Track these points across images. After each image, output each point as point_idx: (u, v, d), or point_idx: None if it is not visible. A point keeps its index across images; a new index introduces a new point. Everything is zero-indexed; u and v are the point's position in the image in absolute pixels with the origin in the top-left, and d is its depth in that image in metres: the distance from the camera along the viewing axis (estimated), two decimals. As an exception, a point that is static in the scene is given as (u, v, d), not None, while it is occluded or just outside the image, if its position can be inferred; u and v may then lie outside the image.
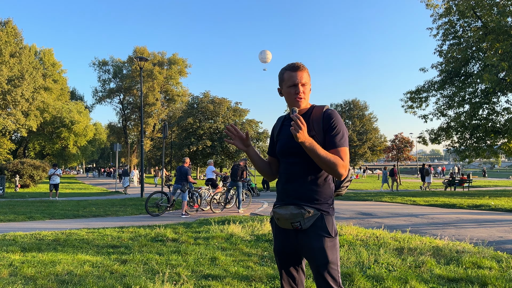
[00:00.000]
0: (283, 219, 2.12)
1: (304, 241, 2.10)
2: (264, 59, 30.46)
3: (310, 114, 2.19)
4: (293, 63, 2.21)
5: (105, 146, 69.85)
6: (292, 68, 2.18)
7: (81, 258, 5.15)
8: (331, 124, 2.11)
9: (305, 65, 2.23)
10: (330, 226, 2.09)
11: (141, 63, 18.06)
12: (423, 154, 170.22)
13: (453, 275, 4.30)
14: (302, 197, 2.11)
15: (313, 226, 2.08)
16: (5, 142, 37.77)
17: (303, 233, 2.10)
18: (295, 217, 2.08)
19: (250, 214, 10.77)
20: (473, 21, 19.88)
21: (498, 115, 19.61)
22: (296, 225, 2.09)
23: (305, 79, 2.17)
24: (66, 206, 13.08)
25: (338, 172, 2.02)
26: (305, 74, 2.18)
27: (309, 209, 2.08)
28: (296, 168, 2.14)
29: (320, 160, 2.00)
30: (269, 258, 5.21)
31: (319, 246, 2.07)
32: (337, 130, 2.09)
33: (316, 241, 2.07)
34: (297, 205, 2.10)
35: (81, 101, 53.44)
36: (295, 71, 2.17)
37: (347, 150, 2.09)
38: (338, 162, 2.01)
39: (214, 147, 37.96)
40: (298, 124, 1.92)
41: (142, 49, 57.42)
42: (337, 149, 2.06)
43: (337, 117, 2.14)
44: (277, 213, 2.16)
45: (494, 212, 11.30)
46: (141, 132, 18.62)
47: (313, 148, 1.97)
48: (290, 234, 2.15)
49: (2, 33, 33.39)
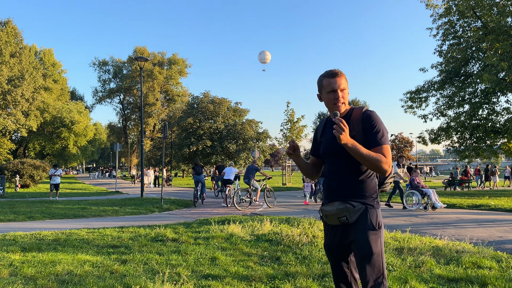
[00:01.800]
0: (330, 216, 2.23)
1: (351, 234, 2.20)
2: (264, 60, 30.49)
3: (350, 116, 2.31)
4: (331, 70, 2.33)
5: (105, 146, 69.88)
6: (330, 75, 2.29)
7: (81, 258, 5.15)
8: (371, 123, 2.22)
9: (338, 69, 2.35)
10: (375, 219, 2.19)
11: (141, 63, 18.06)
12: (423, 154, 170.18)
13: (453, 275, 4.30)
14: (346, 193, 2.23)
15: (359, 219, 2.18)
16: (5, 142, 37.78)
17: (349, 227, 2.21)
18: (341, 212, 2.19)
19: (250, 214, 10.78)
20: (473, 21, 19.89)
21: (498, 115, 19.62)
22: (343, 219, 2.19)
23: (343, 84, 2.28)
24: (66, 206, 13.09)
25: (382, 169, 2.13)
26: (343, 80, 2.29)
27: (354, 203, 2.19)
28: (339, 167, 2.27)
29: (363, 159, 2.11)
30: (269, 258, 5.21)
31: (363, 238, 2.16)
32: (377, 129, 2.20)
33: (361, 233, 2.17)
34: (342, 200, 2.22)
35: (81, 101, 53.48)
36: (334, 78, 2.28)
37: (388, 147, 2.20)
38: (381, 159, 2.12)
39: (214, 147, 37.95)
40: (340, 126, 2.06)
41: (142, 49, 57.41)
42: (378, 147, 2.17)
43: (376, 116, 2.25)
44: (324, 210, 2.27)
45: (494, 212, 11.30)
46: (141, 132, 18.63)
47: (355, 148, 2.10)
48: (338, 229, 2.27)
49: (2, 33, 33.40)
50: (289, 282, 4.09)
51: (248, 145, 38.35)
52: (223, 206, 13.86)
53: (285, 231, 6.87)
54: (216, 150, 37.85)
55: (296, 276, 4.29)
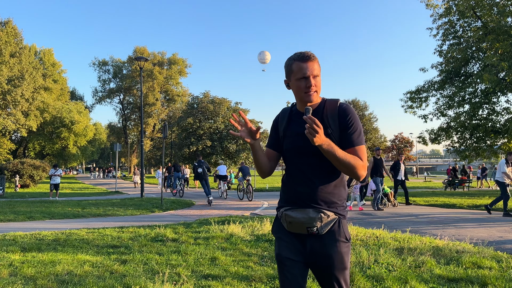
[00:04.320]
0: (298, 223, 1.92)
1: (318, 247, 1.92)
2: (263, 60, 30.46)
3: (322, 108, 1.97)
4: (302, 52, 1.96)
5: (105, 146, 69.84)
6: (301, 58, 1.92)
7: (81, 258, 5.15)
8: (348, 120, 1.92)
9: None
10: (346, 230, 1.95)
11: (141, 63, 18.06)
12: (423, 154, 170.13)
13: (453, 275, 4.30)
14: (319, 200, 1.92)
15: (330, 231, 1.92)
16: (5, 142, 37.78)
17: (316, 238, 1.92)
18: (312, 221, 1.89)
19: (250, 214, 10.77)
20: (473, 21, 19.90)
21: (498, 115, 19.64)
22: (313, 230, 1.90)
23: (316, 70, 1.92)
24: (66, 206, 13.08)
25: (358, 174, 1.86)
26: (316, 65, 1.93)
27: (329, 212, 1.91)
28: (310, 169, 1.95)
29: (338, 162, 1.83)
30: (269, 258, 5.21)
31: (336, 251, 1.90)
32: (354, 127, 1.91)
33: (333, 247, 1.91)
34: (315, 208, 1.91)
35: (81, 101, 53.50)
36: (306, 62, 1.91)
37: (364, 148, 1.93)
38: (358, 163, 1.85)
39: (214, 147, 37.97)
40: (314, 128, 1.72)
41: (142, 49, 57.46)
42: (354, 147, 1.90)
43: (353, 112, 1.95)
44: (290, 216, 1.95)
45: (494, 212, 11.30)
46: (141, 132, 18.63)
47: (331, 150, 1.79)
48: (299, 239, 1.96)
49: (2, 33, 33.40)
50: (289, 282, 4.08)
51: (248, 145, 38.37)
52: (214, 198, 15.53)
53: (285, 231, 6.86)
54: (216, 150, 37.87)
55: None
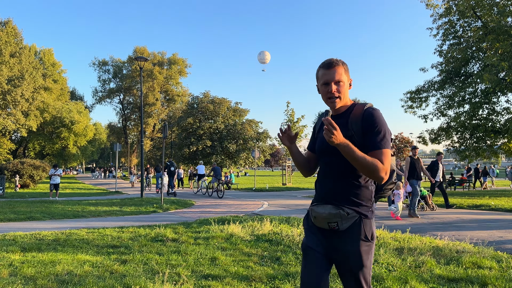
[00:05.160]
0: (321, 218, 2.05)
1: (338, 243, 2.03)
2: (263, 60, 30.45)
3: (350, 112, 2.07)
4: (328, 59, 2.10)
5: (105, 146, 69.84)
6: (325, 66, 2.07)
7: (81, 258, 5.15)
8: (372, 123, 1.99)
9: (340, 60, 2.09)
10: (368, 230, 2.01)
11: (141, 63, 18.05)
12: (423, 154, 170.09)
13: (453, 275, 4.30)
14: (340, 198, 2.03)
15: (350, 228, 2.01)
16: (5, 142, 37.76)
17: (338, 234, 2.03)
18: (333, 217, 2.00)
19: (250, 214, 10.77)
20: (473, 21, 19.89)
21: (498, 115, 19.62)
22: (333, 225, 2.01)
23: (339, 76, 2.04)
24: (66, 206, 13.08)
25: (378, 176, 1.91)
26: (340, 70, 2.05)
27: (348, 210, 2.00)
28: (333, 167, 2.07)
29: (357, 163, 1.90)
30: (269, 258, 5.21)
31: (354, 249, 1.99)
32: (377, 130, 1.97)
33: (351, 244, 2.00)
34: (336, 205, 2.02)
35: (81, 101, 53.49)
36: (328, 69, 2.05)
37: (388, 152, 1.97)
38: (377, 165, 1.90)
39: (214, 147, 37.94)
40: (329, 129, 1.82)
41: (142, 49, 57.40)
42: (376, 151, 1.95)
43: (378, 116, 2.01)
44: (315, 211, 2.08)
45: (494, 212, 11.29)
46: (141, 132, 18.63)
47: (349, 151, 1.87)
48: (324, 234, 2.09)
49: (2, 33, 33.38)
50: (289, 282, 4.09)
51: (248, 145, 38.34)
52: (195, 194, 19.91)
53: (285, 231, 6.87)
54: (216, 150, 37.83)
55: (296, 276, 4.28)
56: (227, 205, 14.05)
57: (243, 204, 14.40)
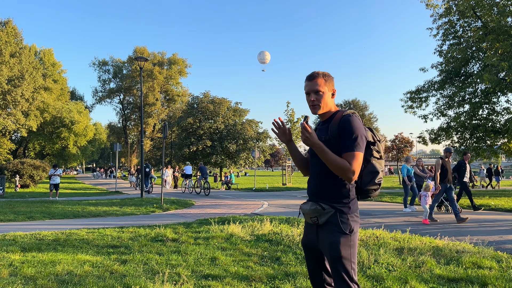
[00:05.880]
0: (305, 214, 2.31)
1: (321, 235, 2.26)
2: (263, 60, 30.43)
3: (332, 119, 2.31)
4: (311, 72, 2.37)
5: (105, 146, 69.80)
6: (307, 78, 2.34)
7: (81, 258, 5.15)
8: (346, 128, 2.18)
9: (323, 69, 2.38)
10: (344, 223, 2.19)
11: (141, 63, 18.05)
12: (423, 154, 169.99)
13: (453, 275, 4.30)
14: (319, 195, 2.27)
15: (328, 222, 2.22)
16: (5, 142, 37.76)
17: (320, 228, 2.26)
18: (312, 212, 2.26)
19: (250, 214, 10.77)
20: (473, 21, 19.89)
21: (498, 115, 19.62)
22: (314, 219, 2.26)
23: (318, 87, 2.28)
24: (66, 206, 13.08)
25: (346, 176, 2.12)
26: (320, 82, 2.29)
27: (324, 205, 2.22)
28: (317, 168, 2.31)
29: (328, 164, 2.13)
30: (269, 258, 5.21)
31: (331, 240, 2.19)
32: (349, 134, 2.17)
33: (329, 236, 2.20)
34: (315, 201, 2.27)
35: (81, 101, 53.44)
36: (309, 80, 2.32)
37: (357, 154, 2.14)
38: (345, 166, 2.11)
39: (214, 147, 37.94)
40: (303, 132, 2.12)
41: (142, 49, 57.41)
42: (347, 153, 2.15)
43: (353, 121, 2.20)
44: (302, 208, 2.35)
45: (494, 212, 11.30)
46: (141, 132, 18.63)
47: (321, 152, 2.13)
48: (312, 229, 2.33)
49: (2, 33, 33.38)
50: (289, 282, 4.09)
51: (248, 145, 38.35)
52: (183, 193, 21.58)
53: (285, 231, 6.87)
54: (216, 150, 37.84)
55: (296, 276, 4.28)
56: (227, 205, 14.06)
57: (243, 204, 14.40)
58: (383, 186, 25.58)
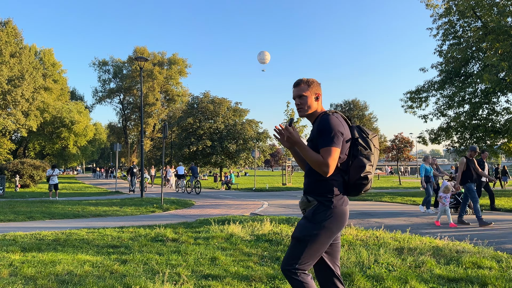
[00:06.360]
0: (299, 206, 2.55)
1: None
2: (263, 60, 30.43)
3: (317, 120, 2.50)
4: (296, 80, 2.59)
5: (105, 146, 69.81)
6: (293, 85, 2.56)
7: (81, 258, 5.15)
8: (321, 126, 2.36)
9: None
10: (320, 214, 2.34)
11: (141, 63, 18.05)
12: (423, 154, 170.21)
13: (453, 275, 4.30)
14: (307, 189, 2.47)
15: (310, 212, 2.40)
16: (5, 142, 37.75)
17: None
18: (301, 204, 2.51)
19: (250, 214, 10.77)
20: (473, 21, 19.88)
21: (498, 115, 19.61)
22: (303, 211, 2.50)
23: (301, 91, 2.49)
24: (66, 206, 13.09)
25: (321, 170, 2.29)
26: (303, 87, 2.49)
27: (310, 198, 2.42)
28: (307, 165, 2.52)
29: (307, 159, 2.32)
30: (269, 258, 5.21)
31: (299, 222, 2.43)
32: (325, 131, 2.33)
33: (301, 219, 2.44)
34: (304, 195, 2.49)
35: (81, 101, 53.42)
36: (294, 87, 2.55)
37: (330, 149, 2.28)
38: (318, 160, 2.28)
39: (214, 147, 37.94)
40: (284, 134, 2.38)
41: (142, 49, 57.38)
42: (322, 148, 2.31)
43: (329, 119, 2.36)
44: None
45: (494, 212, 11.29)
46: (141, 132, 18.63)
47: (301, 149, 2.34)
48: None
49: (2, 33, 33.38)
50: (289, 282, 4.08)
51: (248, 145, 38.33)
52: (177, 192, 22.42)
53: (285, 231, 6.87)
54: (216, 150, 37.83)
55: (296, 276, 4.28)
56: (227, 205, 14.06)
57: (243, 204, 14.40)
58: (383, 186, 25.56)
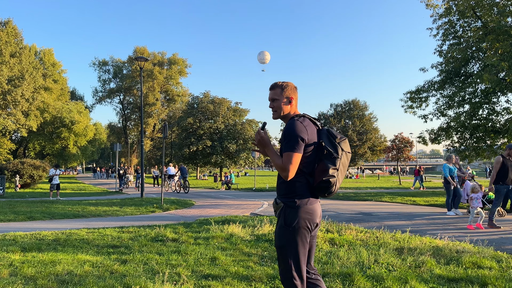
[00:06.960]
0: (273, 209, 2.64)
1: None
2: (263, 60, 30.42)
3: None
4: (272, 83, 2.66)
5: (105, 146, 69.80)
6: (269, 88, 2.64)
7: (81, 258, 5.15)
8: (286, 131, 2.43)
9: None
10: (288, 217, 2.42)
11: (141, 63, 18.05)
12: (423, 154, 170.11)
13: (453, 275, 4.30)
14: (277, 192, 2.58)
15: (279, 214, 2.50)
16: (5, 142, 37.74)
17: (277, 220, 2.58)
18: (272, 206, 2.69)
19: (250, 214, 10.77)
20: (473, 21, 19.87)
21: (498, 115, 19.60)
22: (274, 213, 2.59)
23: (275, 95, 2.57)
24: (66, 206, 13.08)
25: (281, 173, 2.39)
26: (276, 91, 2.57)
27: (278, 200, 2.53)
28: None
29: (272, 163, 2.45)
30: (269, 258, 5.21)
31: (275, 230, 2.51)
32: (288, 137, 2.40)
33: (276, 227, 2.52)
34: (276, 197, 2.59)
35: (81, 101, 53.39)
36: (269, 90, 2.63)
37: (289, 154, 2.36)
38: (279, 164, 2.38)
39: (214, 147, 37.95)
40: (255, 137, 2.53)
41: (142, 49, 57.36)
42: (284, 153, 2.40)
43: (292, 124, 2.43)
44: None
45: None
46: (141, 132, 18.63)
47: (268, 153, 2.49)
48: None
49: (2, 33, 33.37)
50: (289, 282, 4.08)
51: (248, 145, 38.34)
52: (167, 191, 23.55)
53: (285, 231, 6.85)
54: (216, 150, 37.84)
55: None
56: (227, 205, 14.06)
57: (243, 204, 14.40)
58: (383, 186, 25.55)
